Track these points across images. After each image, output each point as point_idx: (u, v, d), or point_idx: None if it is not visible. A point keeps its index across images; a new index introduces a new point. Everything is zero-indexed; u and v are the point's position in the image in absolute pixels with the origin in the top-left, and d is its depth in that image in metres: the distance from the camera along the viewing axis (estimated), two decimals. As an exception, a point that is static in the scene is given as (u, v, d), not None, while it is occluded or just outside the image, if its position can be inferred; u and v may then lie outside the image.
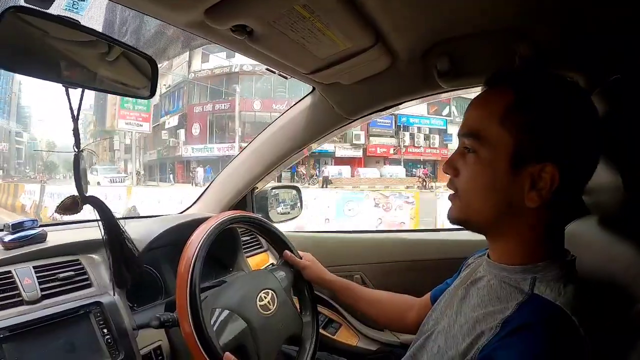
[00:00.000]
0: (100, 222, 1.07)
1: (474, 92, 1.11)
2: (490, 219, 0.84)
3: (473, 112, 0.86)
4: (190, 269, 1.06)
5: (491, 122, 0.80)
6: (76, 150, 0.97)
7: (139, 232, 1.36)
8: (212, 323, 1.12)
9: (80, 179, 0.99)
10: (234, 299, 1.20)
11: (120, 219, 1.13)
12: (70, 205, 1.00)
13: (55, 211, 1.02)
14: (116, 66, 1.00)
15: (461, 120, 0.87)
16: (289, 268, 1.36)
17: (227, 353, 1.03)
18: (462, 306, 0.88)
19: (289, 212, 2.10)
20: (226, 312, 1.16)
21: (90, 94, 0.94)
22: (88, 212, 1.06)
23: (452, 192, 0.90)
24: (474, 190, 0.84)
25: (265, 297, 1.22)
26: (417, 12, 1.04)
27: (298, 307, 1.35)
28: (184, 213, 1.95)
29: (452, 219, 0.90)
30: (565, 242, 0.85)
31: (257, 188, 1.96)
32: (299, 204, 2.14)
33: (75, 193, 1.01)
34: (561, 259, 0.82)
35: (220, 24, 0.97)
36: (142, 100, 1.17)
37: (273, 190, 2.03)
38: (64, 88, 0.92)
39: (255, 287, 1.25)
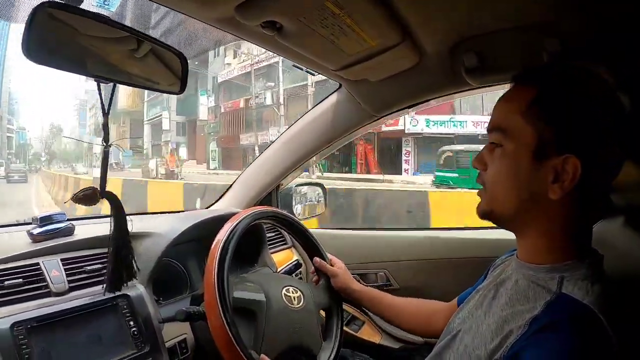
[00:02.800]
0: (111, 219, 1.09)
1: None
2: (514, 211, 0.85)
3: (499, 108, 0.88)
4: (218, 263, 1.06)
5: (515, 116, 0.82)
6: (105, 144, 0.99)
7: (165, 227, 1.39)
8: (234, 282, 1.13)
9: (105, 173, 1.01)
10: (262, 278, 1.22)
11: (145, 214, 1.14)
12: (89, 196, 1.01)
13: (71, 199, 1.03)
14: (147, 61, 1.02)
15: None
16: (327, 292, 1.33)
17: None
18: (490, 306, 0.88)
19: (313, 209, 2.11)
20: (247, 282, 1.18)
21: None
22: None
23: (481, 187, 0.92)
24: (499, 182, 0.86)
25: (293, 292, 1.21)
26: (445, 9, 1.04)
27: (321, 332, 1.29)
28: (209, 209, 1.97)
29: (479, 212, 0.91)
30: (592, 242, 0.85)
31: (282, 185, 1.96)
32: (323, 201, 2.14)
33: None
34: (588, 258, 0.81)
35: (250, 20, 0.97)
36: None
37: (297, 187, 2.04)
38: (95, 83, 0.94)
39: (287, 280, 1.25)
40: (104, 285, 1.13)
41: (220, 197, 2.01)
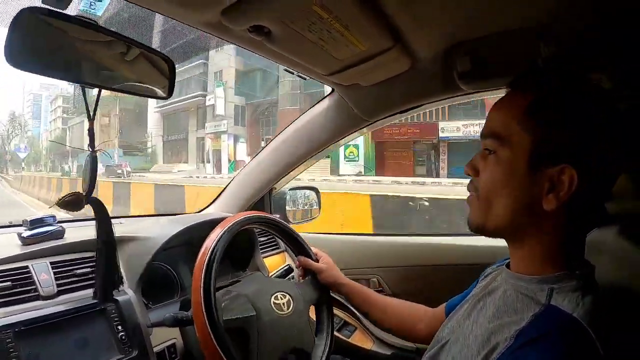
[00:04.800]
0: (96, 226, 1.09)
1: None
2: (508, 221, 0.83)
3: (494, 114, 0.85)
4: (205, 268, 1.06)
5: (510, 122, 0.80)
6: (91, 149, 0.99)
7: (155, 231, 1.38)
8: (222, 300, 1.13)
9: (94, 179, 1.01)
10: (249, 289, 1.21)
11: (136, 217, 1.14)
12: (73, 202, 1.02)
13: (56, 203, 1.05)
14: (133, 66, 1.02)
15: None
16: (313, 285, 1.34)
17: None
18: (478, 316, 0.87)
19: (307, 214, 2.10)
20: (235, 296, 1.17)
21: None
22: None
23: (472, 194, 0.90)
24: (493, 190, 0.83)
25: (282, 298, 1.21)
26: (437, 12, 1.03)
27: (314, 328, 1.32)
28: (201, 212, 1.97)
29: (470, 223, 0.89)
30: (586, 251, 0.83)
31: (276, 189, 1.97)
32: (317, 206, 2.13)
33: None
34: (580, 269, 0.80)
35: (237, 24, 0.97)
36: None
37: (291, 191, 2.04)
38: (80, 88, 0.95)
39: (274, 286, 1.25)
40: (95, 292, 1.14)
41: (213, 201, 2.01)
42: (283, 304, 1.20)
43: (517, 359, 0.70)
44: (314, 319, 1.34)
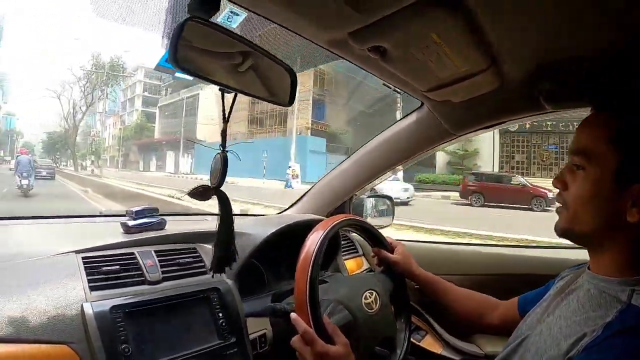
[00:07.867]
0: (219, 216, 1.15)
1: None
2: (593, 231, 0.91)
3: (583, 131, 0.93)
4: (311, 265, 1.12)
5: (600, 141, 0.88)
6: (222, 149, 1.10)
7: (255, 229, 1.47)
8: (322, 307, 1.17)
9: (224, 175, 1.08)
10: (341, 293, 1.28)
11: (236, 215, 1.24)
12: (202, 193, 1.10)
13: (187, 193, 1.13)
14: (263, 74, 1.10)
15: None
16: (389, 275, 1.43)
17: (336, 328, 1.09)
18: (562, 311, 0.94)
19: (381, 221, 2.16)
20: (333, 304, 1.23)
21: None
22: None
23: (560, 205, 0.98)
24: (580, 204, 0.91)
25: (370, 297, 1.28)
26: (527, 37, 1.09)
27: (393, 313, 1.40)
28: (282, 214, 2.08)
29: (558, 229, 0.97)
30: None
31: (356, 195, 2.04)
32: (391, 213, 2.21)
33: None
34: None
35: (360, 44, 1.06)
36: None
37: (369, 199, 2.12)
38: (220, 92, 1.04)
39: (362, 286, 1.32)
40: (210, 269, 1.19)
41: (293, 204, 2.11)
42: (372, 301, 1.28)
43: (606, 347, 0.78)
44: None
